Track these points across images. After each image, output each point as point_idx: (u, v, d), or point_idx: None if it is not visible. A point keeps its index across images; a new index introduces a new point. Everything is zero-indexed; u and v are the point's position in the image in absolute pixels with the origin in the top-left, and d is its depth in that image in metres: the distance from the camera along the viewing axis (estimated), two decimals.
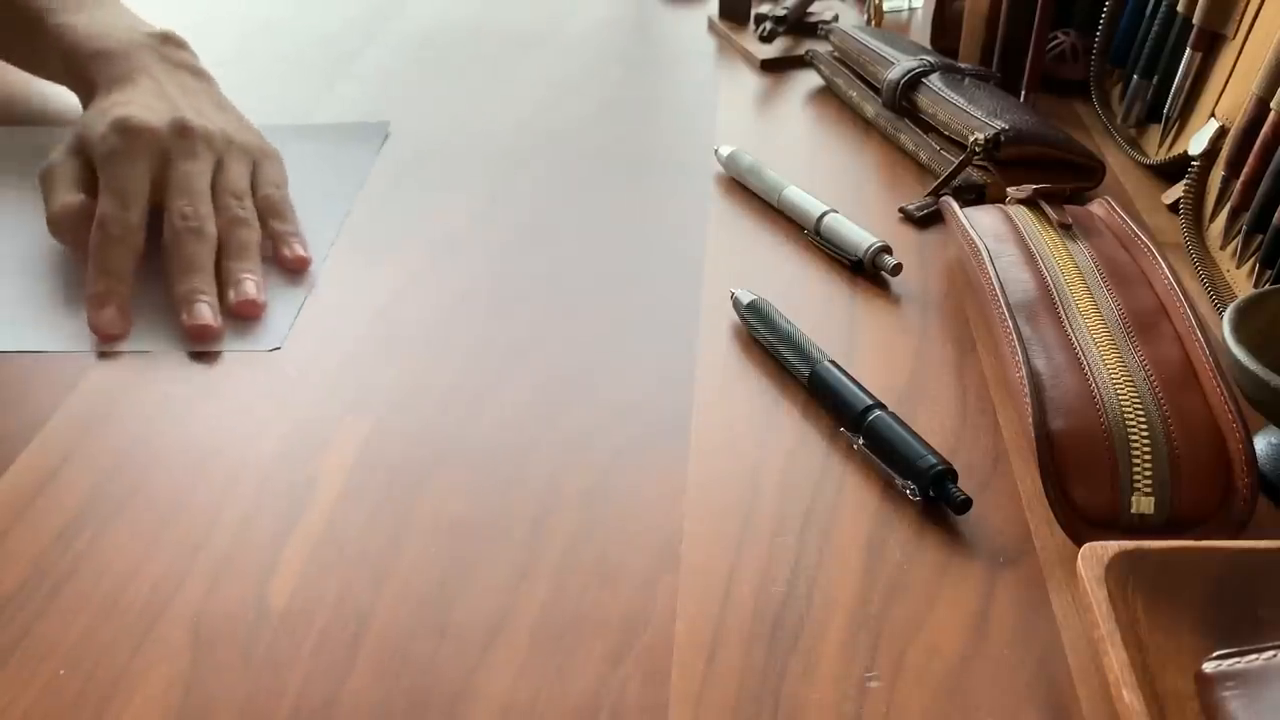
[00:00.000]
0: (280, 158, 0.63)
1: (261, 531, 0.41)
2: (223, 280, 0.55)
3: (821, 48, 0.81)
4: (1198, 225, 0.60)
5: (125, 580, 0.39)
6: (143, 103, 0.59)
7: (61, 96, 0.72)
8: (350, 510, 0.43)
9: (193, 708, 0.35)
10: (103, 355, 0.51)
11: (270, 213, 0.59)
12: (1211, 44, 0.64)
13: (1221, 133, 0.60)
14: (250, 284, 0.55)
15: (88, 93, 0.63)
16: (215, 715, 0.35)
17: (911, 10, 0.94)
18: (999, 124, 0.62)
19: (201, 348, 0.52)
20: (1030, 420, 0.41)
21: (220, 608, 0.38)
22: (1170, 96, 0.66)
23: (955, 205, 0.57)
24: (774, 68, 0.84)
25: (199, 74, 0.65)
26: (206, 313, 0.53)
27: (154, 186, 0.56)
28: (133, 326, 0.53)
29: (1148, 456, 0.40)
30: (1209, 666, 0.33)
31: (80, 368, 0.50)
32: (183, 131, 0.58)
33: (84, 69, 0.63)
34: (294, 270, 0.57)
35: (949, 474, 0.42)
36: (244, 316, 0.54)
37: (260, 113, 0.66)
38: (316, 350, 0.52)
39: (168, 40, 0.66)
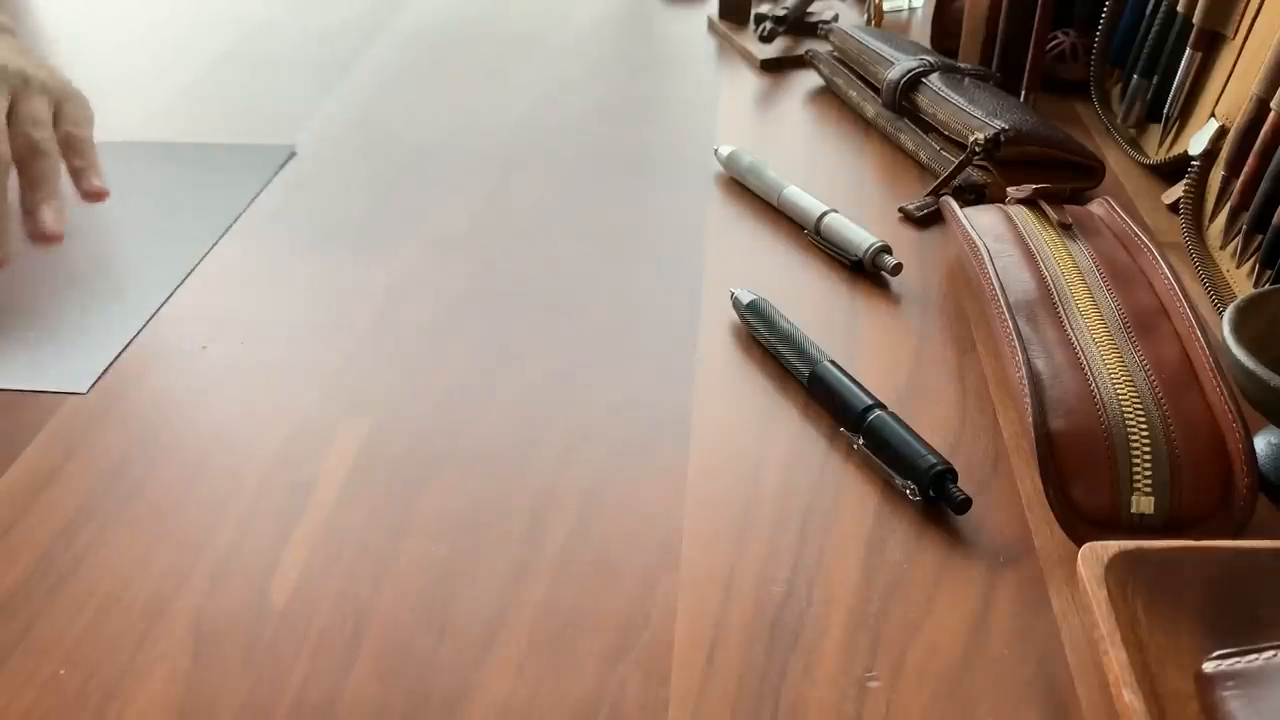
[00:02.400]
0: (85, 101, 0.60)
1: (262, 530, 0.41)
2: (23, 208, 0.53)
3: (821, 48, 0.81)
4: (1198, 225, 0.60)
5: (126, 579, 0.39)
6: None
7: None
8: (350, 509, 0.43)
9: (194, 705, 0.35)
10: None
11: (70, 150, 0.57)
12: (1211, 44, 0.64)
13: (1221, 133, 0.60)
14: (49, 213, 0.53)
15: None
16: (216, 713, 0.35)
17: (911, 10, 0.94)
18: (999, 124, 0.62)
19: None
20: (1030, 420, 0.41)
21: (221, 606, 0.38)
22: (1170, 96, 0.66)
23: (955, 205, 0.57)
24: (774, 68, 0.84)
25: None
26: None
27: None
28: None
29: (1147, 456, 0.40)
30: (1209, 666, 0.33)
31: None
32: None
33: None
34: (95, 200, 0.57)
35: (949, 474, 0.42)
36: (42, 243, 0.53)
37: (260, 112, 0.66)
38: (317, 350, 0.52)
39: None
